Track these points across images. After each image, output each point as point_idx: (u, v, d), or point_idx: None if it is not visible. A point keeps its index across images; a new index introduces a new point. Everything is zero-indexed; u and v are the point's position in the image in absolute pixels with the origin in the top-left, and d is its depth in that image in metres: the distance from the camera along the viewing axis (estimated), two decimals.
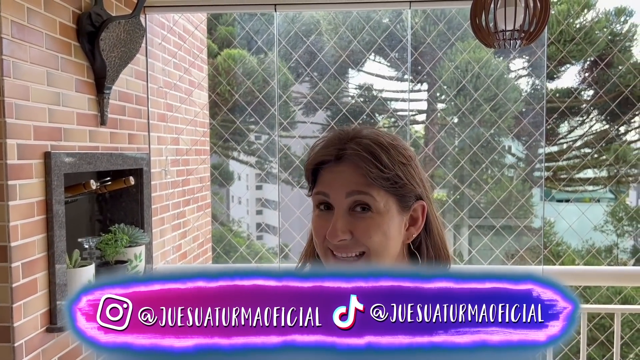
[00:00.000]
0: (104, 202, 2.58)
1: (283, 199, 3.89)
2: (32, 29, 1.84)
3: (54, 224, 1.92)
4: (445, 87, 7.07)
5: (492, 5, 1.61)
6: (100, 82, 2.23)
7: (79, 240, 2.24)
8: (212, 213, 3.87)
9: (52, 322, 1.92)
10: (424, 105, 8.12)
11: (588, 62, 7.66)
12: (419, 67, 6.47)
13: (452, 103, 7.16)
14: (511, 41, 1.62)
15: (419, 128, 8.10)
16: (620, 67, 7.29)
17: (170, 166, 2.98)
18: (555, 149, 7.92)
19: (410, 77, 6.73)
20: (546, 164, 7.09)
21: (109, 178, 2.40)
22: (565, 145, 8.27)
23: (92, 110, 2.21)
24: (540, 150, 6.63)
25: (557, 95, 7.33)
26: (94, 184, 2.17)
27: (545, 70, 6.15)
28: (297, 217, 3.57)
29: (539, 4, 1.60)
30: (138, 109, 2.61)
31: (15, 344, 1.74)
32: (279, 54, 4.03)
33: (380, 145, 0.84)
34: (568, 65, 7.86)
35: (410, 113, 7.78)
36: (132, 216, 2.57)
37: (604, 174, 7.71)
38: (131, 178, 2.42)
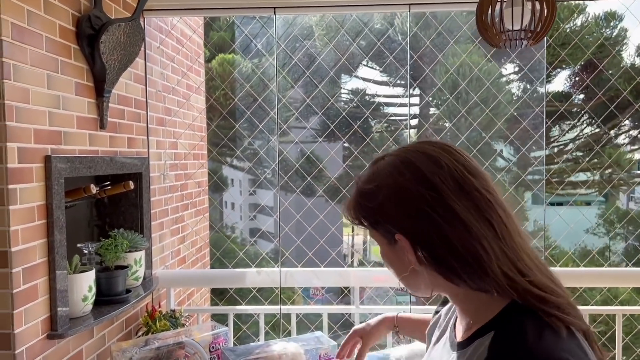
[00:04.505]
0: (103, 207, 2.55)
1: (282, 204, 3.86)
2: (32, 31, 1.82)
3: (54, 228, 1.88)
4: (438, 91, 7.10)
5: (498, 5, 1.61)
6: (100, 85, 2.20)
7: (78, 245, 2.20)
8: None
9: (53, 329, 1.88)
10: (417, 110, 8.13)
11: (579, 67, 7.73)
12: (413, 72, 6.49)
13: (446, 107, 7.17)
14: (517, 41, 1.62)
15: (413, 132, 8.11)
16: (610, 71, 7.35)
17: (169, 170, 2.96)
18: (547, 152, 7.96)
19: (410, 82, 6.75)
20: (540, 168, 7.11)
21: (108, 182, 2.37)
22: (556, 149, 8.32)
23: (92, 113, 2.18)
24: (533, 154, 6.66)
25: (549, 99, 7.38)
26: (94, 188, 2.13)
27: (545, 72, 6.19)
28: (293, 222, 3.54)
29: (544, 4, 1.61)
30: (137, 112, 2.59)
31: (16, 351, 1.71)
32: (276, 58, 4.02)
33: (353, 198, 0.97)
34: (559, 70, 7.92)
35: (405, 117, 7.78)
36: (132, 221, 2.54)
37: (596, 177, 7.77)
38: (131, 182, 2.39)
